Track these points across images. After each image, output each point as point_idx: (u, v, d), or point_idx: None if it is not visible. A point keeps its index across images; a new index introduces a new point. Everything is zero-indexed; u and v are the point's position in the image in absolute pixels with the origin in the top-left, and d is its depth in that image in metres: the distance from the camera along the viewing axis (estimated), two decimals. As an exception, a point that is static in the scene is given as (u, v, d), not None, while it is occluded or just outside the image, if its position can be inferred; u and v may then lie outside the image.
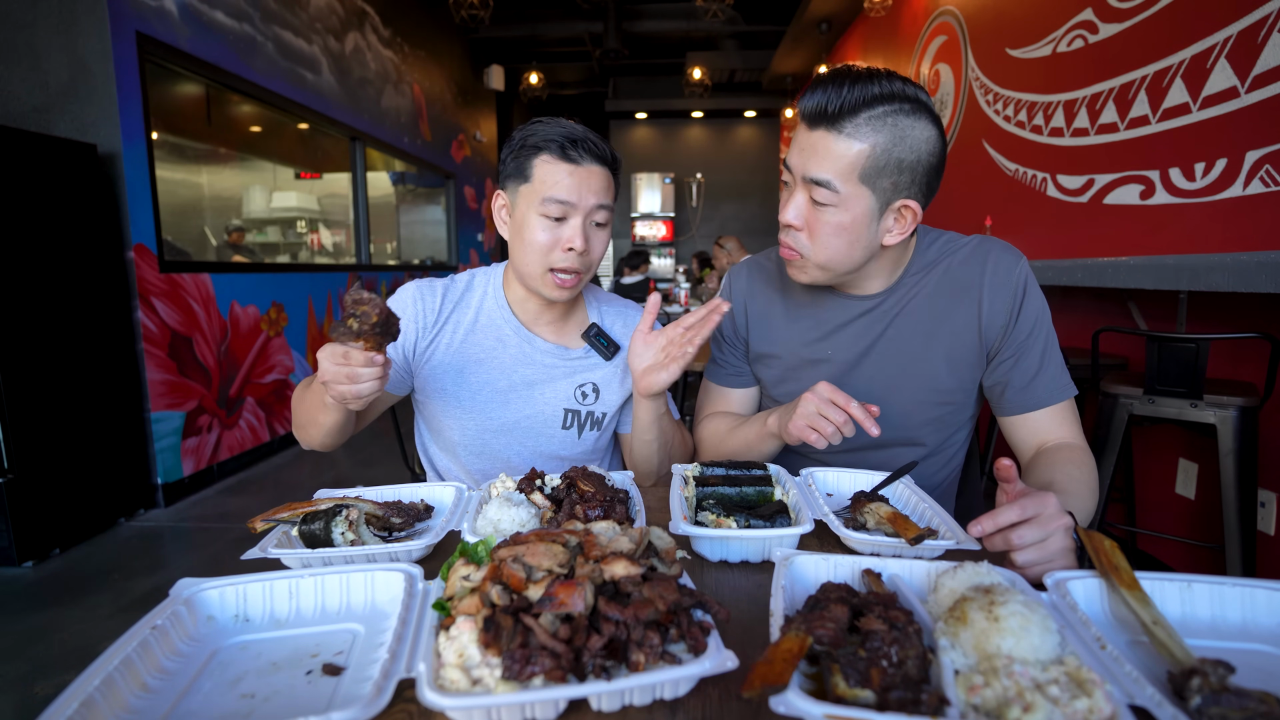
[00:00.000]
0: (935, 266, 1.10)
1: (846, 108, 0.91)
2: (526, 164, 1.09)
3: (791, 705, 0.45)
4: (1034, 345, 1.05)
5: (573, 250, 1.08)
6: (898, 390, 1.12)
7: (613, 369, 1.27)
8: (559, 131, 1.08)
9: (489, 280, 1.25)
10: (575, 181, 1.07)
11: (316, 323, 4.88)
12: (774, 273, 1.23)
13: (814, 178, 0.95)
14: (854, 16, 6.49)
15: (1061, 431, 1.04)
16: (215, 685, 0.56)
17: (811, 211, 0.98)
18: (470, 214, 8.58)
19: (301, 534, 0.79)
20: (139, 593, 2.45)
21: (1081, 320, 2.86)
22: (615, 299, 1.35)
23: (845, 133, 0.92)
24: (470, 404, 1.20)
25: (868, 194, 0.95)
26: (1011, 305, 1.04)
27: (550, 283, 1.11)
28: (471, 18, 5.97)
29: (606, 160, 1.11)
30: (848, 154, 0.92)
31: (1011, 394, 1.06)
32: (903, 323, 1.10)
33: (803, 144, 0.97)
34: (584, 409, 1.24)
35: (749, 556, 0.80)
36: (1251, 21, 2.16)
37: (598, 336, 1.24)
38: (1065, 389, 1.05)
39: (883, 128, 0.92)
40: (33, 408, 2.68)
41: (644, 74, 10.17)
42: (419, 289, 1.20)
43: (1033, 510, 0.70)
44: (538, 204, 1.08)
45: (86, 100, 3.06)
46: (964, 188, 4.16)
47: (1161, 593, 0.65)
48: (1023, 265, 1.06)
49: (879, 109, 0.91)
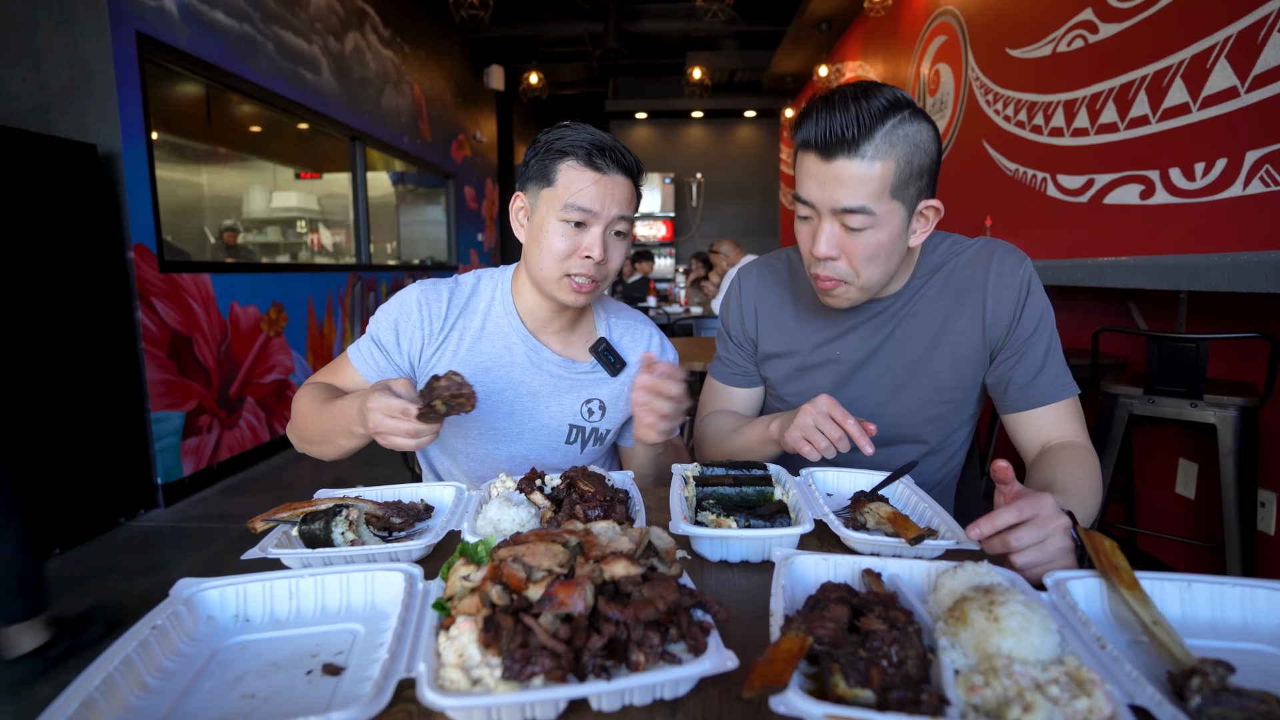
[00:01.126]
0: (941, 268, 1.11)
1: (863, 130, 0.90)
2: (551, 168, 1.07)
3: (791, 705, 0.45)
4: (1037, 344, 1.06)
5: (590, 258, 1.06)
6: (902, 390, 1.13)
7: (619, 386, 1.24)
8: (587, 138, 1.06)
9: (496, 285, 1.22)
10: (599, 190, 1.05)
11: (316, 323, 4.88)
12: (784, 274, 1.24)
13: (846, 207, 0.94)
14: (854, 16, 6.49)
15: (1064, 430, 1.05)
16: (215, 685, 0.56)
17: (846, 238, 0.97)
18: (470, 214, 8.58)
19: (301, 534, 0.79)
20: (139, 593, 2.45)
21: (1081, 320, 2.86)
22: (625, 311, 1.32)
23: (868, 156, 0.91)
24: (475, 413, 1.16)
25: (899, 207, 0.96)
26: (1015, 304, 1.06)
27: (566, 287, 1.09)
28: (471, 18, 5.97)
29: (632, 171, 1.10)
30: (874, 175, 0.92)
31: (1014, 391, 1.07)
32: (910, 323, 1.11)
33: (822, 176, 0.94)
34: (589, 425, 1.23)
35: (749, 556, 0.80)
36: (1251, 21, 2.16)
37: (605, 352, 1.22)
38: (1068, 387, 1.06)
39: (899, 141, 0.92)
40: (33, 408, 2.68)
41: (644, 74, 10.16)
42: (423, 293, 1.18)
43: (1030, 512, 0.70)
44: (559, 209, 1.06)
45: (86, 100, 3.06)
46: (964, 188, 4.16)
47: (1161, 593, 0.65)
48: (1027, 265, 1.08)
49: (889, 123, 0.91)
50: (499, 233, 9.95)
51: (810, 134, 0.94)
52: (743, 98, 10.14)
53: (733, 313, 1.28)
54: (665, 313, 5.75)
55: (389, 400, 0.88)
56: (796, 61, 7.94)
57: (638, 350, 1.27)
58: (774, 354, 1.22)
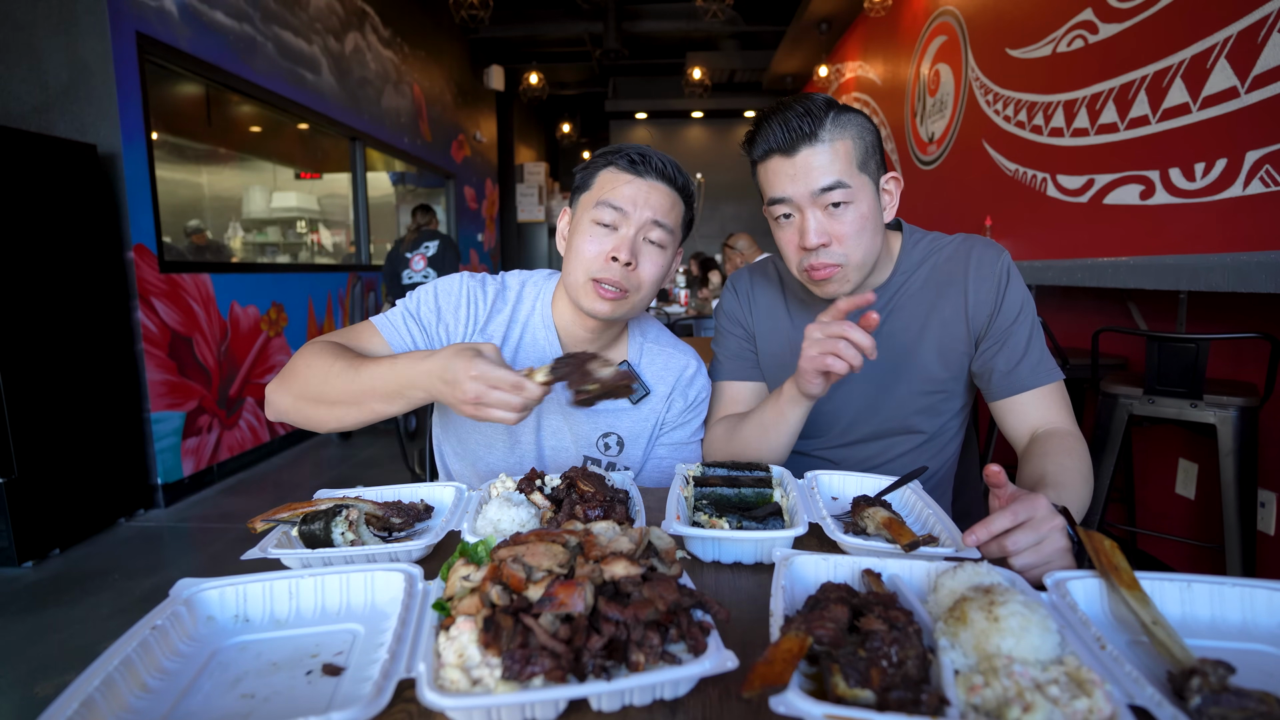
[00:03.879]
0: (923, 264, 1.15)
1: (815, 120, 0.98)
2: (592, 176, 1.07)
3: (791, 705, 0.45)
4: (1019, 331, 1.08)
5: (616, 261, 1.01)
6: (893, 382, 1.15)
7: (640, 419, 1.17)
8: (631, 147, 1.06)
9: (539, 294, 1.17)
10: (633, 190, 1.03)
11: (316, 323, 4.87)
12: (775, 279, 1.27)
13: (823, 185, 0.99)
14: (854, 16, 6.50)
15: (1051, 416, 1.06)
16: (215, 685, 0.55)
17: (831, 222, 1.01)
18: (470, 214, 8.58)
19: (301, 534, 0.79)
20: (139, 593, 2.45)
21: (1081, 320, 2.86)
22: (665, 337, 1.24)
23: (825, 140, 0.99)
24: (504, 426, 1.12)
25: (867, 180, 1.03)
26: (995, 293, 1.09)
27: (591, 292, 1.04)
28: (471, 18, 5.97)
29: (672, 180, 1.06)
30: (839, 153, 1.00)
31: (998, 378, 1.09)
32: (895, 318, 1.14)
33: (791, 171, 1.01)
34: (605, 459, 1.17)
35: (742, 558, 0.79)
36: (1251, 21, 2.16)
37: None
38: (1051, 372, 1.08)
39: (845, 124, 1.01)
40: (33, 408, 2.68)
41: (644, 74, 10.17)
42: (470, 286, 1.13)
43: (1024, 515, 0.70)
44: (591, 209, 1.04)
45: (86, 100, 3.06)
46: (964, 188, 4.16)
47: (1161, 593, 0.65)
48: (1004, 258, 1.12)
49: (831, 113, 1.00)
50: (499, 233, 9.95)
51: (770, 140, 1.01)
52: (743, 98, 10.14)
53: (729, 305, 1.29)
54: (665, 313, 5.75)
55: (499, 372, 0.80)
56: (796, 62, 7.95)
57: (667, 380, 1.19)
58: (769, 352, 1.24)
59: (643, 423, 1.17)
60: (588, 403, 0.86)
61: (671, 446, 1.20)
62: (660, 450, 1.20)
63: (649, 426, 1.18)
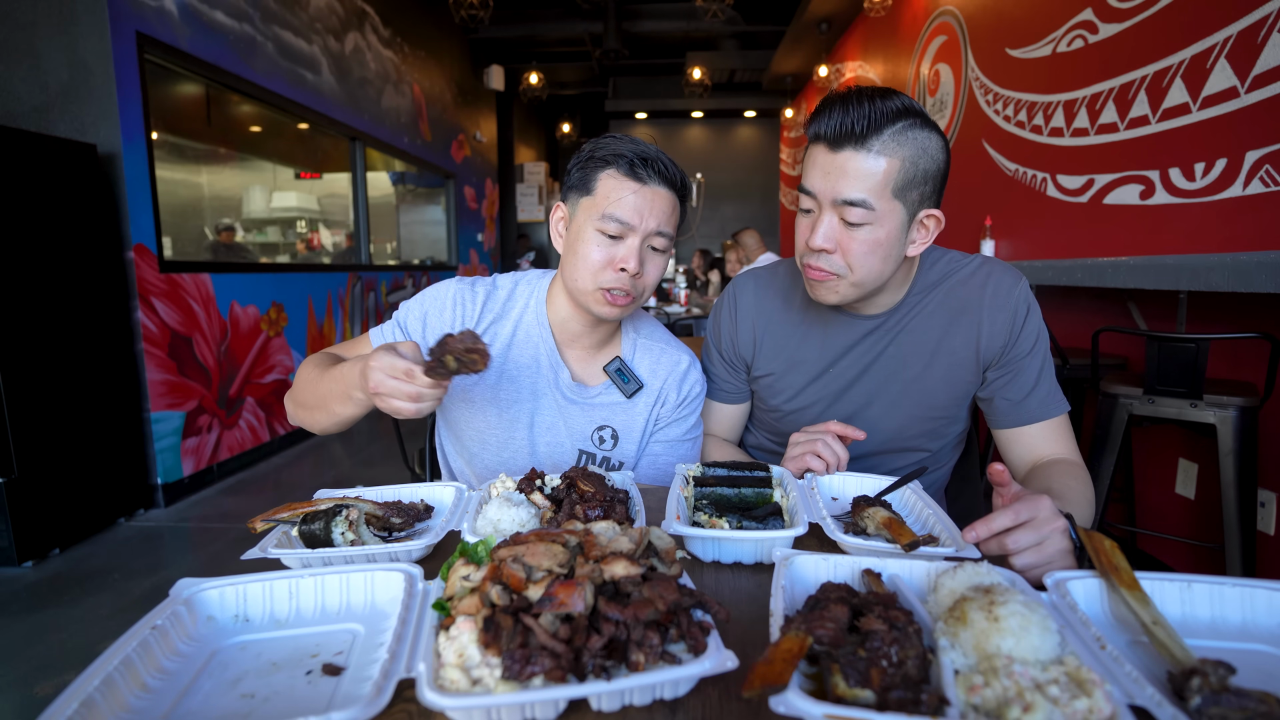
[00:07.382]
0: (938, 286, 1.11)
1: (872, 125, 0.92)
2: (591, 177, 1.05)
3: (791, 705, 0.45)
4: (1032, 363, 1.07)
5: (625, 271, 1.03)
6: (896, 405, 1.14)
7: (634, 413, 1.18)
8: (631, 148, 1.04)
9: (532, 293, 1.18)
10: (638, 201, 1.02)
11: (316, 323, 4.87)
12: (782, 289, 1.22)
13: (847, 199, 0.94)
14: (854, 16, 6.50)
15: (1056, 446, 1.06)
16: (215, 685, 0.55)
17: (844, 232, 0.97)
18: (470, 214, 8.58)
19: (301, 534, 0.79)
20: (139, 593, 2.45)
21: (1081, 320, 2.86)
22: (659, 333, 1.25)
23: (874, 150, 0.93)
24: (497, 421, 1.16)
25: (900, 208, 0.96)
26: (1011, 326, 1.07)
27: (600, 299, 1.06)
28: (471, 18, 5.97)
29: (674, 184, 1.07)
30: (878, 171, 0.93)
31: (1005, 407, 1.08)
32: (904, 340, 1.12)
33: (827, 167, 0.95)
34: (599, 453, 1.18)
35: (741, 558, 0.79)
36: (1251, 21, 2.16)
37: (618, 371, 1.17)
38: (1059, 405, 1.07)
39: (906, 142, 0.93)
40: (33, 408, 2.68)
41: (644, 74, 10.16)
42: (460, 292, 1.15)
43: (1027, 514, 0.70)
44: (596, 219, 1.03)
45: (86, 100, 3.06)
46: (964, 188, 4.16)
47: (1161, 593, 0.65)
48: (1022, 286, 1.08)
49: (900, 124, 0.93)
50: (499, 233, 9.95)
51: (822, 126, 0.95)
52: (743, 98, 10.15)
53: (725, 329, 1.24)
54: (665, 313, 5.75)
55: (393, 360, 0.84)
56: (796, 61, 7.94)
57: (660, 375, 1.20)
58: (771, 370, 1.21)
59: (636, 417, 1.19)
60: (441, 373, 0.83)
61: (667, 444, 1.21)
62: (655, 447, 1.21)
63: (642, 421, 1.19)
